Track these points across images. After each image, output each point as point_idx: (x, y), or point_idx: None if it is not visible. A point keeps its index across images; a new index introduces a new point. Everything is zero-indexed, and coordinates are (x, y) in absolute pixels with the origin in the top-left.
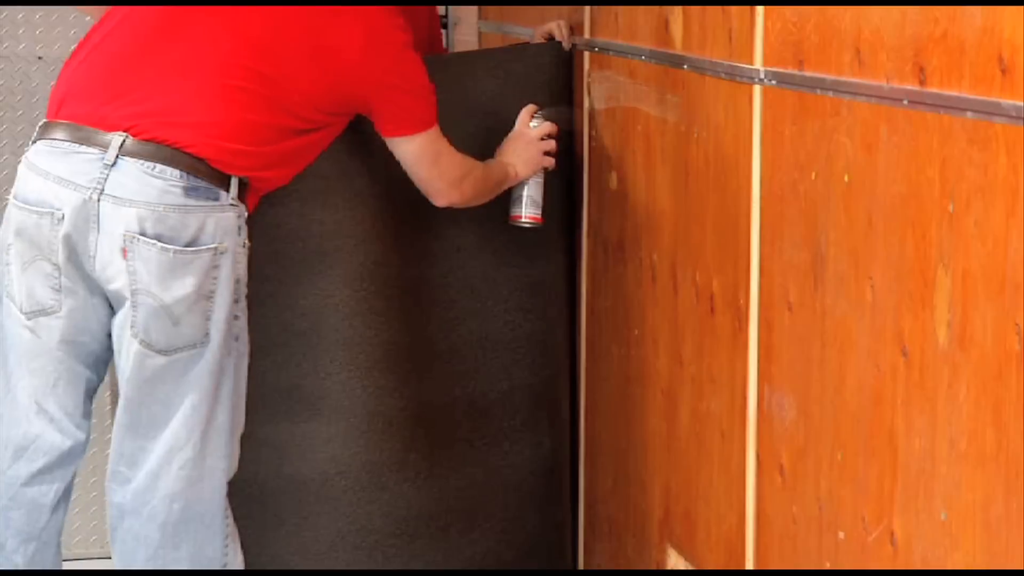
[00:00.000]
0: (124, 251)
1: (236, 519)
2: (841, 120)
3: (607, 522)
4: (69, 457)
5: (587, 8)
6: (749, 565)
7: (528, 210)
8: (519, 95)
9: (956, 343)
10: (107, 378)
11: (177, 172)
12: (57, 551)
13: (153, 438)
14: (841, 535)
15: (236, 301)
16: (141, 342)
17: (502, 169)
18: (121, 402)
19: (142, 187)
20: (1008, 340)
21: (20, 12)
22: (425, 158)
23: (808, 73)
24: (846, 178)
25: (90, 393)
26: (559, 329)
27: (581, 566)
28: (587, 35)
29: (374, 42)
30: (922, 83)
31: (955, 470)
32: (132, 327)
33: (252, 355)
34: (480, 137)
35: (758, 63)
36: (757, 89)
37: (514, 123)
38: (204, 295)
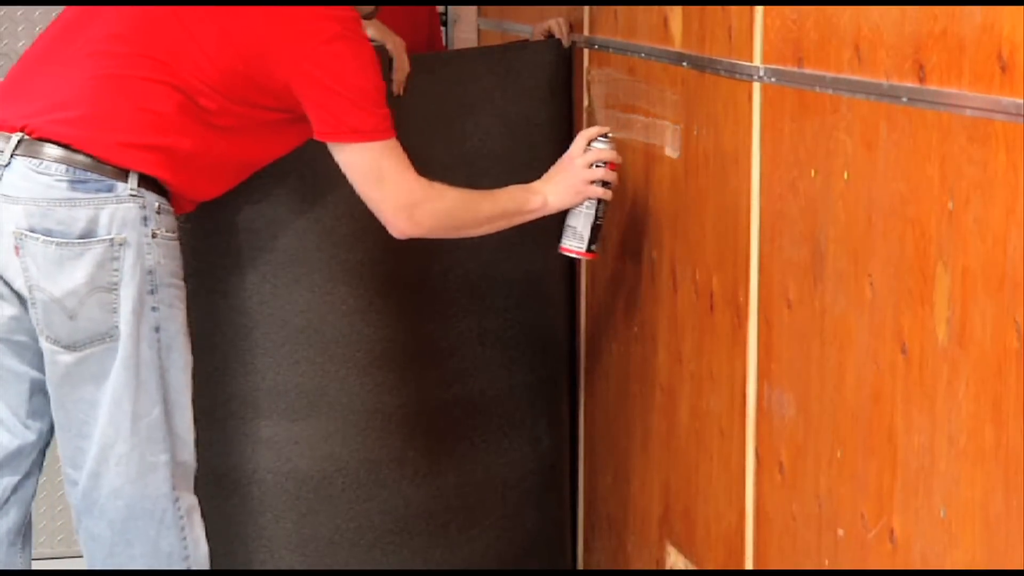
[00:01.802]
0: (16, 249)
1: (233, 516)
2: (840, 117)
3: (606, 520)
4: (18, 456)
5: (586, 6)
6: (748, 562)
7: (569, 242)
8: (519, 93)
9: (955, 340)
10: None
11: (62, 167)
12: (14, 550)
13: (86, 436)
14: (840, 532)
15: (151, 292)
16: (47, 339)
17: (518, 199)
18: (52, 403)
19: (29, 184)
20: (1007, 337)
21: (19, 9)
22: (363, 175)
23: (807, 70)
24: (845, 176)
25: (39, 391)
26: (558, 327)
27: (580, 563)
28: (586, 32)
29: (292, 27)
30: (921, 80)
31: (954, 467)
32: (37, 324)
33: (237, 351)
34: (480, 135)
35: (757, 60)
36: (756, 86)
37: (514, 120)
38: (101, 288)
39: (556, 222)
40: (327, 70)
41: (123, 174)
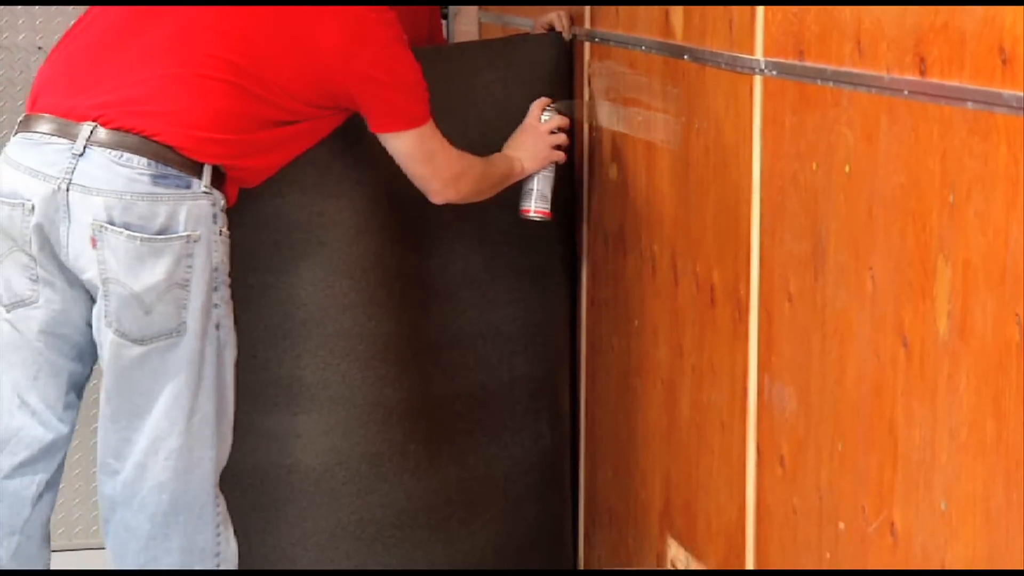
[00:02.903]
0: (93, 240)
1: (236, 509)
2: (842, 111)
3: (607, 513)
4: (51, 450)
5: (587, 6)
6: (749, 556)
7: (537, 204)
8: (519, 86)
9: (956, 334)
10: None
11: (144, 160)
12: (42, 545)
13: (137, 429)
14: (841, 526)
15: (215, 289)
16: (115, 331)
17: (507, 163)
18: (103, 393)
19: (109, 176)
20: (1008, 330)
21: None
22: (418, 155)
23: (809, 64)
24: (847, 169)
25: (75, 385)
26: (559, 320)
27: (581, 557)
28: (587, 26)
29: (357, 36)
30: (923, 73)
31: (955, 460)
32: (106, 316)
33: (239, 344)
34: (480, 128)
35: (759, 54)
36: (758, 80)
37: (515, 113)
38: (177, 283)
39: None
40: (388, 72)
41: (198, 169)
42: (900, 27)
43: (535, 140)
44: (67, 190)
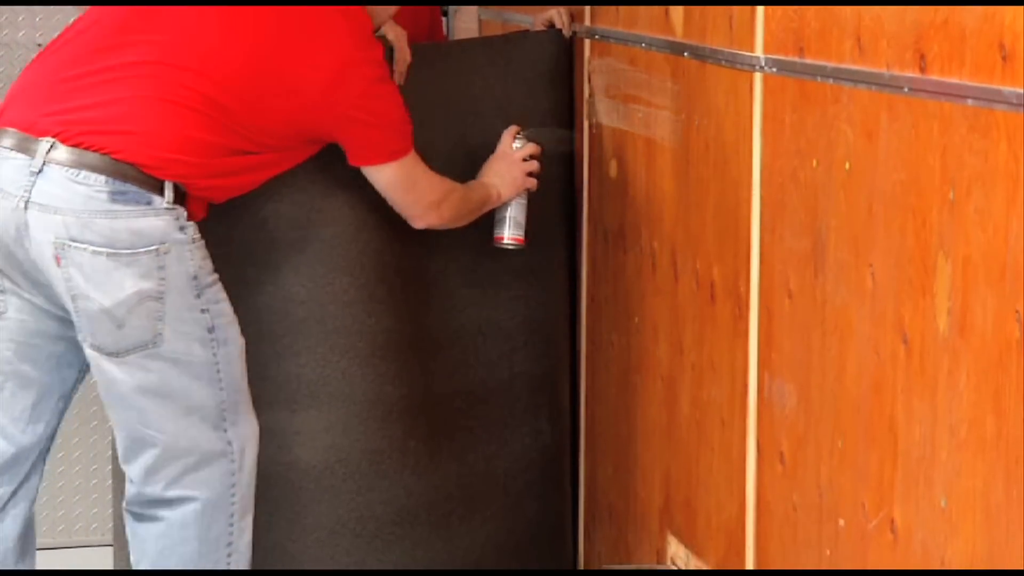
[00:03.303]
0: (57, 259)
1: None
2: (842, 108)
3: (607, 510)
4: (15, 462)
5: (587, 6)
6: (749, 553)
7: (511, 231)
8: (519, 83)
9: (956, 330)
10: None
11: (102, 178)
12: (15, 553)
13: (140, 435)
14: (841, 523)
15: (198, 296)
16: (91, 346)
17: (484, 190)
18: (105, 405)
19: (67, 194)
20: (1008, 327)
21: None
22: (399, 184)
23: (809, 60)
24: (847, 166)
25: (52, 394)
26: (559, 317)
27: (581, 554)
28: (587, 23)
29: (341, 80)
30: (923, 70)
31: (955, 457)
32: (80, 332)
33: (248, 342)
34: (480, 126)
35: (759, 51)
36: (758, 77)
37: (515, 111)
38: (149, 296)
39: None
40: (370, 112)
41: (159, 186)
42: (900, 24)
43: (509, 167)
44: (25, 208)
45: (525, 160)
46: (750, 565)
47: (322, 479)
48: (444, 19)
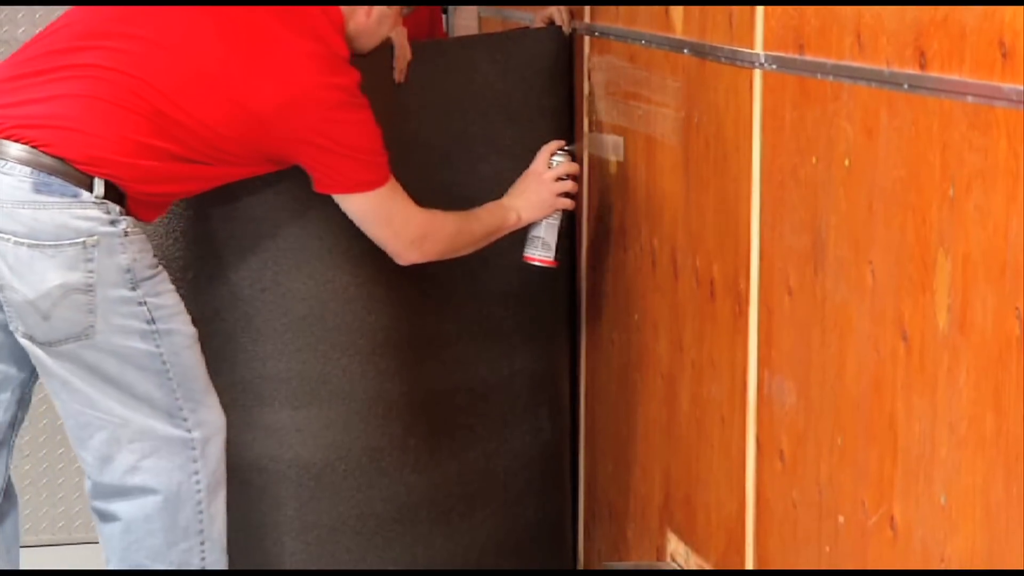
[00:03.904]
0: None
1: (236, 503)
2: (841, 105)
3: (607, 507)
4: None
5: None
6: (749, 550)
7: (538, 252)
8: (519, 80)
9: (956, 327)
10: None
11: (27, 169)
12: None
13: (89, 423)
14: (841, 519)
15: (133, 289)
16: (23, 335)
17: (498, 216)
18: (51, 394)
19: None
20: (1008, 324)
21: None
22: (370, 218)
23: (809, 58)
24: (846, 163)
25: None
26: (559, 315)
27: (581, 551)
28: (587, 20)
29: (297, 103)
30: (923, 67)
31: (955, 454)
32: (11, 321)
33: (248, 339)
34: (481, 123)
35: (758, 48)
36: (757, 74)
37: (515, 108)
38: (76, 289)
39: None
40: (329, 137)
41: (88, 182)
42: (900, 21)
43: (537, 188)
44: None
45: (560, 179)
46: (750, 562)
47: (322, 476)
48: (444, 16)
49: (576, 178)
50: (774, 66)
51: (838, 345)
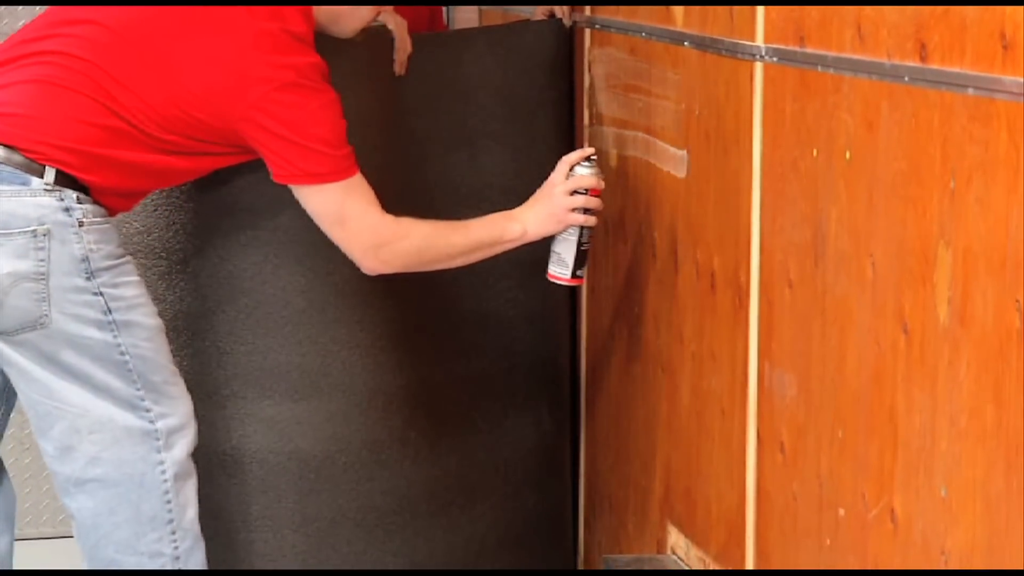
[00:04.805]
0: None
1: (236, 496)
2: (842, 97)
3: (607, 500)
4: None
5: None
6: (749, 542)
7: (555, 268)
8: (519, 72)
9: (957, 320)
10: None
11: None
12: None
13: (49, 413)
14: (841, 512)
15: (88, 278)
16: None
17: (496, 227)
18: (13, 384)
19: None
20: (1008, 317)
21: None
22: (323, 215)
23: (809, 50)
24: (847, 155)
25: None
26: (560, 307)
27: (581, 544)
28: (588, 12)
29: (241, 80)
30: (923, 60)
31: (955, 447)
32: None
33: (248, 332)
34: (479, 115)
35: (759, 40)
36: (758, 66)
37: (515, 100)
38: (27, 278)
39: None
40: (277, 118)
41: (39, 170)
42: (901, 13)
43: (547, 203)
44: None
45: (574, 193)
46: (750, 555)
47: (323, 469)
48: (444, 9)
49: (596, 192)
50: (775, 58)
51: (838, 338)
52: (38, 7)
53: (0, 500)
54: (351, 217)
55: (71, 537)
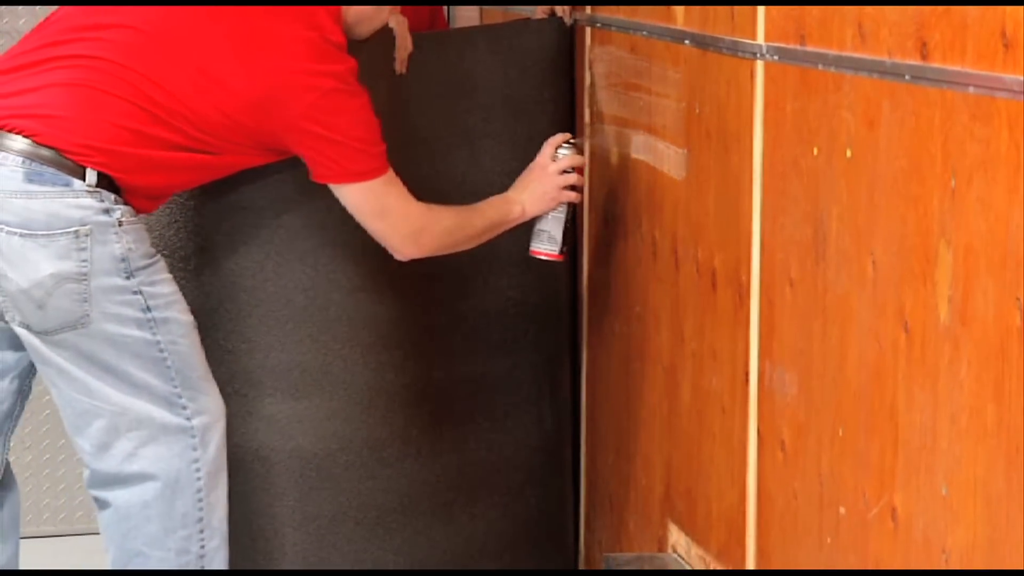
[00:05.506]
0: None
1: (238, 493)
2: (843, 96)
3: (608, 498)
4: None
5: None
6: (750, 541)
7: (543, 246)
8: (520, 71)
9: (957, 318)
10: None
11: (19, 159)
12: None
13: (87, 411)
14: (842, 511)
15: (128, 278)
16: (20, 324)
17: (501, 210)
18: (47, 383)
19: None
20: (1009, 315)
21: None
22: (367, 210)
23: (810, 48)
24: (848, 154)
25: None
26: (560, 306)
27: (582, 542)
28: (588, 11)
29: (286, 89)
30: (924, 58)
31: (956, 445)
32: (7, 311)
33: (251, 330)
34: (481, 114)
35: (760, 38)
36: (759, 65)
37: (516, 99)
38: (69, 278)
39: None
40: (323, 124)
41: (80, 171)
42: (901, 11)
43: (541, 181)
44: None
45: (564, 172)
46: (751, 553)
47: (324, 467)
48: (445, 7)
49: (581, 171)
50: (776, 57)
51: (839, 336)
52: (38, 7)
53: (6, 504)
54: (392, 208)
55: (72, 536)
